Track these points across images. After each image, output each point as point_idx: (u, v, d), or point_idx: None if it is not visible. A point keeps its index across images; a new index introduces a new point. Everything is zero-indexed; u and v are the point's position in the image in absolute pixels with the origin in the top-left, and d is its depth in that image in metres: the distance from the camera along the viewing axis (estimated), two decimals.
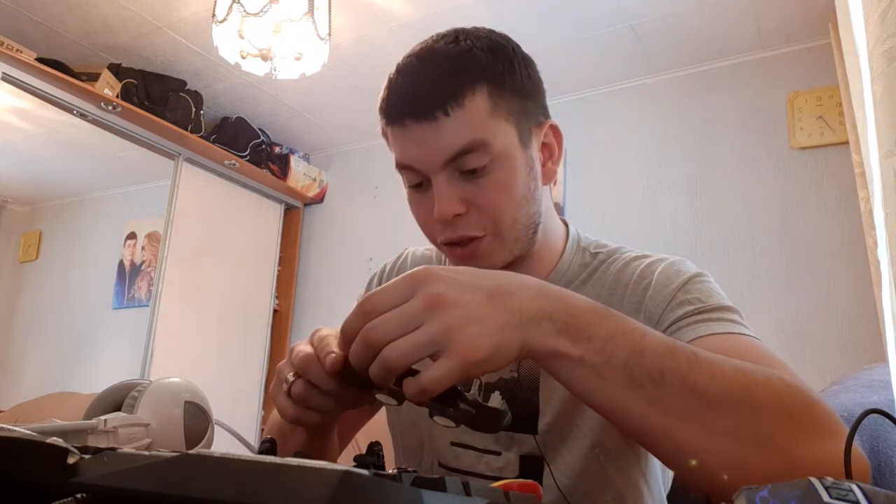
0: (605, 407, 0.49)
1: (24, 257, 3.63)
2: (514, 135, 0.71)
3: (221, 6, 1.96)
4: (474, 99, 0.68)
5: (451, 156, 0.68)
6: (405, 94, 0.69)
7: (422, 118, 0.67)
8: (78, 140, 3.07)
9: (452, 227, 0.70)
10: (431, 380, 0.44)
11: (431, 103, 0.67)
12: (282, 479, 0.28)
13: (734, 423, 0.47)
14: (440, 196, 0.69)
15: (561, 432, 0.72)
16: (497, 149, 0.69)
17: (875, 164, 0.65)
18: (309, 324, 3.36)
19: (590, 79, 2.78)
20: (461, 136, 0.67)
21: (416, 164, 0.70)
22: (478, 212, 0.70)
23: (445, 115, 0.67)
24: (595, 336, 0.48)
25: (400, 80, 0.70)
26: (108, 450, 0.35)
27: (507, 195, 0.70)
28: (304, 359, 0.53)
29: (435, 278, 0.46)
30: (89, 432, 0.55)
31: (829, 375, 1.97)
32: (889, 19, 0.60)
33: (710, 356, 0.50)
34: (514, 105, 0.71)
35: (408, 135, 0.69)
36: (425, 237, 0.77)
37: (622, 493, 0.72)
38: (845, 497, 0.31)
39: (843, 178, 2.26)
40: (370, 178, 3.39)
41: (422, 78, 0.69)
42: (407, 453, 0.83)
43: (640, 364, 0.47)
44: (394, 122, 0.70)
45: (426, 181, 0.71)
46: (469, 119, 0.67)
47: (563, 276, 0.78)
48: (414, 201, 0.74)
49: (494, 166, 0.69)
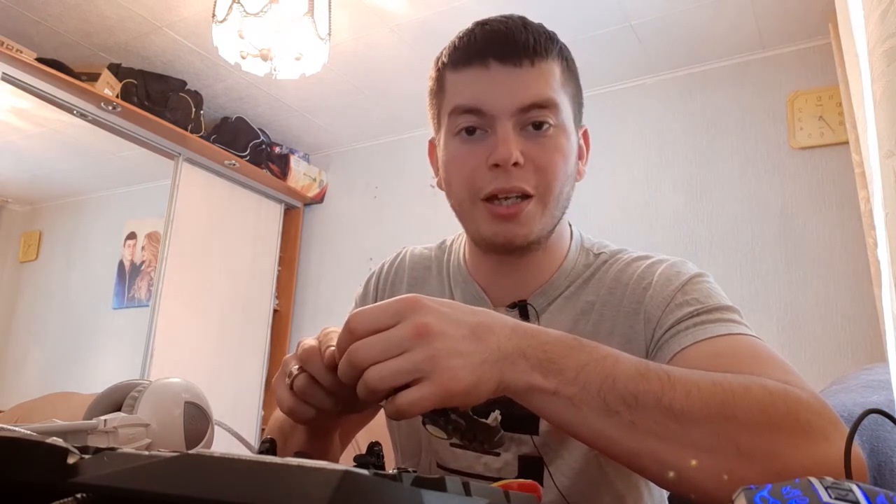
0: (584, 435, 0.50)
1: (24, 257, 3.63)
2: (571, 115, 0.75)
3: (221, 6, 1.96)
4: (554, 64, 0.72)
5: (527, 104, 0.70)
6: (495, 36, 0.71)
7: (508, 60, 0.70)
8: (78, 140, 3.07)
9: (506, 176, 0.70)
10: (409, 402, 0.45)
11: (522, 49, 0.70)
12: (282, 479, 0.28)
13: (715, 439, 0.47)
14: (506, 140, 0.69)
15: (560, 433, 0.71)
16: (562, 117, 0.72)
17: (875, 164, 0.65)
18: (309, 324, 3.37)
19: (590, 79, 2.78)
20: (541, 89, 0.70)
21: (487, 107, 0.70)
22: (534, 169, 0.71)
23: (531, 64, 0.70)
24: (567, 368, 0.49)
25: (487, 27, 0.72)
26: (108, 450, 0.35)
27: (563, 163, 0.72)
28: (308, 351, 0.54)
29: (424, 308, 0.47)
30: (89, 432, 0.55)
31: (829, 375, 1.97)
32: (889, 19, 0.60)
33: (685, 374, 0.50)
34: (573, 91, 0.75)
35: (487, 75, 0.70)
36: (431, 223, 0.77)
37: (622, 494, 0.72)
38: (845, 497, 0.31)
39: (843, 178, 2.26)
40: (370, 178, 3.39)
41: (513, 28, 0.71)
42: (405, 454, 0.83)
43: (612, 390, 0.48)
44: (474, 62, 0.71)
45: (485, 129, 0.71)
46: (548, 78, 0.71)
47: (567, 275, 0.78)
48: (463, 150, 0.73)
49: (558, 132, 0.72)
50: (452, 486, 0.32)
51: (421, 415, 0.49)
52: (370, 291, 0.91)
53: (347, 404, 0.54)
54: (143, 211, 3.34)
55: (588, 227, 0.86)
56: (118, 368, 3.13)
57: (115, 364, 3.18)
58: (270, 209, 3.40)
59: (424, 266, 0.89)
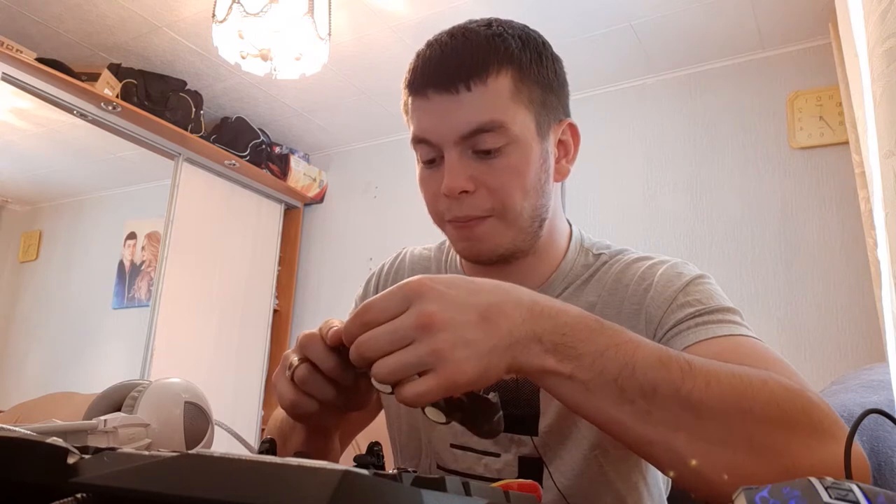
0: (597, 420, 0.49)
1: (24, 257, 3.63)
2: (532, 124, 0.71)
3: (221, 6, 1.96)
4: (498, 79, 0.68)
5: (467, 131, 0.68)
6: (430, 65, 0.70)
7: (443, 89, 0.68)
8: (78, 140, 3.08)
9: (458, 204, 0.70)
10: (415, 394, 0.45)
11: (454, 75, 0.68)
12: (282, 479, 0.28)
13: (730, 431, 0.47)
14: (450, 171, 0.69)
15: (561, 433, 0.72)
16: (514, 133, 0.69)
17: (875, 164, 0.65)
18: (309, 324, 3.36)
19: (589, 79, 2.78)
20: (480, 114, 0.68)
21: (431, 137, 0.70)
22: (486, 192, 0.70)
23: (467, 89, 0.67)
24: (585, 353, 0.48)
25: (428, 52, 0.71)
26: (108, 450, 0.35)
27: (518, 181, 0.70)
28: (308, 336, 0.53)
29: (429, 293, 0.46)
30: (89, 432, 0.55)
31: (829, 375, 1.97)
32: (889, 19, 0.60)
33: (705, 364, 0.50)
34: (535, 95, 0.71)
35: (428, 106, 0.69)
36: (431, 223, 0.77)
37: (622, 495, 0.72)
38: (845, 497, 0.31)
39: (843, 178, 2.26)
40: (370, 178, 3.39)
41: (450, 51, 0.69)
42: (405, 455, 0.83)
43: (631, 378, 0.47)
44: (416, 93, 0.70)
45: (439, 157, 0.71)
46: (490, 98, 0.68)
47: (566, 277, 0.78)
48: (424, 178, 0.74)
49: (509, 150, 0.69)
50: (452, 486, 0.32)
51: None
52: (370, 292, 0.92)
53: (349, 397, 0.54)
54: (143, 211, 3.34)
55: (588, 227, 0.86)
56: (118, 368, 3.13)
57: (115, 364, 3.18)
58: (270, 209, 3.40)
59: (424, 266, 0.89)
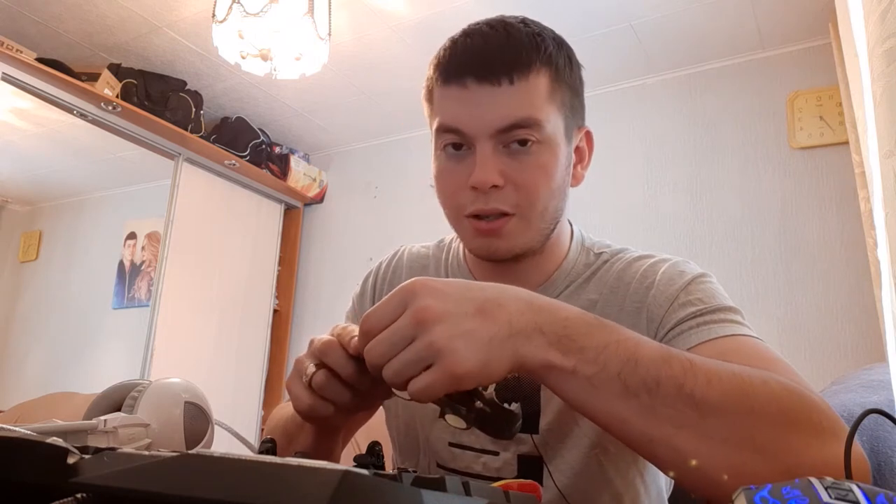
0: (600, 416, 0.49)
1: (24, 257, 3.63)
2: (561, 125, 0.72)
3: (221, 6, 1.96)
4: (538, 77, 0.68)
5: (504, 125, 0.68)
6: (472, 54, 0.69)
7: (485, 80, 0.67)
8: (78, 140, 3.08)
9: (485, 198, 0.69)
10: (419, 389, 0.45)
11: (499, 67, 0.67)
12: (282, 479, 0.28)
13: (732, 430, 0.47)
14: (483, 164, 0.68)
15: (561, 432, 0.72)
16: (546, 132, 0.69)
17: (875, 164, 0.65)
18: (309, 324, 3.36)
19: (589, 79, 2.76)
20: (519, 109, 0.67)
21: (465, 128, 0.69)
22: (514, 189, 0.69)
23: (510, 82, 0.67)
24: (587, 347, 0.48)
25: (468, 41, 0.70)
26: (108, 450, 0.35)
27: (546, 180, 0.70)
28: (327, 343, 0.53)
29: (424, 289, 0.47)
30: (89, 432, 0.55)
31: (829, 375, 1.97)
32: (889, 19, 0.60)
33: (707, 362, 0.50)
34: (566, 98, 0.72)
35: (466, 95, 0.68)
36: (431, 223, 0.77)
37: (620, 493, 0.72)
38: (845, 497, 0.31)
39: (843, 178, 2.26)
40: (370, 178, 3.39)
41: (494, 42, 0.69)
42: (404, 454, 0.83)
43: (634, 373, 0.47)
44: (452, 80, 0.69)
45: (467, 148, 0.70)
46: (530, 94, 0.68)
47: (567, 275, 0.78)
48: (447, 168, 0.73)
49: (541, 149, 0.70)
50: (452, 485, 0.32)
51: (439, 406, 0.49)
52: (368, 290, 0.91)
53: (365, 398, 0.54)
54: (143, 211, 3.34)
55: (588, 227, 0.86)
56: (118, 368, 3.13)
57: (115, 364, 3.18)
58: (270, 209, 3.40)
59: (422, 265, 0.89)
